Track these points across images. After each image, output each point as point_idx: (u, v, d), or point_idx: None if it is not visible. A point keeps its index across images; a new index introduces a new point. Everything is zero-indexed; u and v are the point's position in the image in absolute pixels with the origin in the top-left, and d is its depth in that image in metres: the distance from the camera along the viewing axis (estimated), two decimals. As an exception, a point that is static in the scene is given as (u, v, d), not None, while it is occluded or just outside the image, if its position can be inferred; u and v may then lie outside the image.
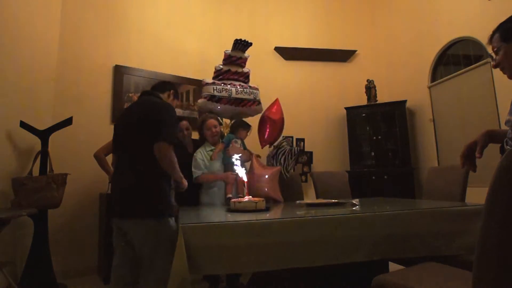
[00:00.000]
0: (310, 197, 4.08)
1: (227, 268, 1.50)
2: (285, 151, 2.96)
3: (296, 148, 3.01)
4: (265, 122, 3.16)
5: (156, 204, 1.71)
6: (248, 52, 3.20)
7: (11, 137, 2.66)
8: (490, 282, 0.79)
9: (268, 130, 3.13)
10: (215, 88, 2.95)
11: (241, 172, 2.30)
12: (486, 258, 0.80)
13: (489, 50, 1.38)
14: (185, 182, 1.93)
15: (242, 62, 3.16)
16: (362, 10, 5.32)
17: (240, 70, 3.16)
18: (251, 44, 3.08)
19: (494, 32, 1.31)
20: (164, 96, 2.00)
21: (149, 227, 1.67)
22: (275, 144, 3.14)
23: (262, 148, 3.23)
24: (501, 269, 0.76)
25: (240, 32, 3.44)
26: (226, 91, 2.98)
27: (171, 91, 2.05)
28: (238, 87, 3.06)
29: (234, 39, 3.04)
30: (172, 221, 1.76)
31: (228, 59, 3.09)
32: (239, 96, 3.03)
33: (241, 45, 3.04)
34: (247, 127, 2.86)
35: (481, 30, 3.32)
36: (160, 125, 1.72)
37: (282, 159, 2.91)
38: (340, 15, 5.24)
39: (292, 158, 2.95)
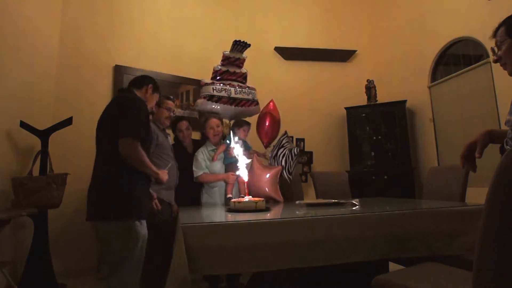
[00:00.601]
0: (310, 197, 4.08)
1: (227, 268, 1.50)
2: (285, 152, 2.94)
3: (296, 148, 2.99)
4: (265, 117, 3.17)
5: (121, 205, 1.60)
6: (248, 52, 3.20)
7: (11, 137, 2.66)
8: (490, 282, 0.79)
9: (268, 124, 3.13)
10: (214, 88, 2.96)
11: (242, 172, 2.30)
12: (486, 258, 0.80)
13: (492, 44, 1.34)
14: (164, 176, 1.85)
15: (240, 62, 3.17)
16: (362, 10, 5.31)
17: (238, 70, 3.16)
18: (249, 45, 3.09)
19: (500, 25, 1.29)
20: (141, 91, 1.91)
21: (115, 230, 1.58)
22: (275, 143, 3.14)
23: (265, 148, 3.22)
24: (501, 269, 0.76)
25: (240, 32, 3.44)
26: (225, 91, 2.98)
27: (149, 85, 1.95)
28: (237, 87, 3.07)
29: (233, 40, 3.04)
30: (141, 225, 1.63)
31: (226, 60, 3.09)
32: (238, 96, 3.03)
33: (240, 46, 3.05)
34: (247, 126, 2.86)
35: (481, 30, 3.32)
36: (124, 120, 1.63)
37: (283, 161, 2.89)
38: (340, 15, 5.23)
39: (293, 160, 2.93)
